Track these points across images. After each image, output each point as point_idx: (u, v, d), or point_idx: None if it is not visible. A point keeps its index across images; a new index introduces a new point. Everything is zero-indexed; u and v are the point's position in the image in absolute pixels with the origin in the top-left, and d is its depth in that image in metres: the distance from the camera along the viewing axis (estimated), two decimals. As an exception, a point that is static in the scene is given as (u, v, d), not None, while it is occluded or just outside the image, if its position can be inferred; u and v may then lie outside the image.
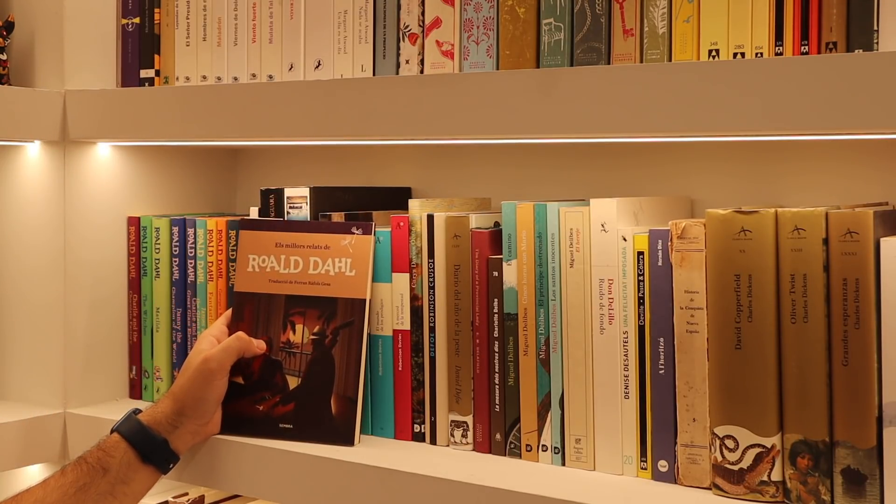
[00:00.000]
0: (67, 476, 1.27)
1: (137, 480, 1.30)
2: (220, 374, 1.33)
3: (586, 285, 1.22)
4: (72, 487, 1.26)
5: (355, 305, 1.36)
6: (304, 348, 1.37)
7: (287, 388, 1.37)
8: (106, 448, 1.29)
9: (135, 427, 1.30)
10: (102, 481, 1.27)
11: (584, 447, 1.24)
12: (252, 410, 1.38)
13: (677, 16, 1.19)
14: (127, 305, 1.60)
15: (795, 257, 1.10)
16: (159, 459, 1.31)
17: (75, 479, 1.26)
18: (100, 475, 1.27)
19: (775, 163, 1.33)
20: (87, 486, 1.26)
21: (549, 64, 1.25)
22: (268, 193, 1.44)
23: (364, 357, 1.35)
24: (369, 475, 1.27)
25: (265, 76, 1.46)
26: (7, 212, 1.61)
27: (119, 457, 1.28)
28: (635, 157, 1.42)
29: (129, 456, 1.29)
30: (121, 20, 1.60)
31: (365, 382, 1.38)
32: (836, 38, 1.11)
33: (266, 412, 1.38)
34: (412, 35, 1.35)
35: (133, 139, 1.56)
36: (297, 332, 1.38)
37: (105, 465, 1.27)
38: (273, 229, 1.41)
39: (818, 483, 1.10)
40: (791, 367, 1.11)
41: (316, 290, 1.38)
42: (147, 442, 1.30)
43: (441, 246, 1.32)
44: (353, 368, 1.35)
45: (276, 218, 1.43)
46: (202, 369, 1.33)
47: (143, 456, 1.30)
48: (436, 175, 1.57)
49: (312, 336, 1.37)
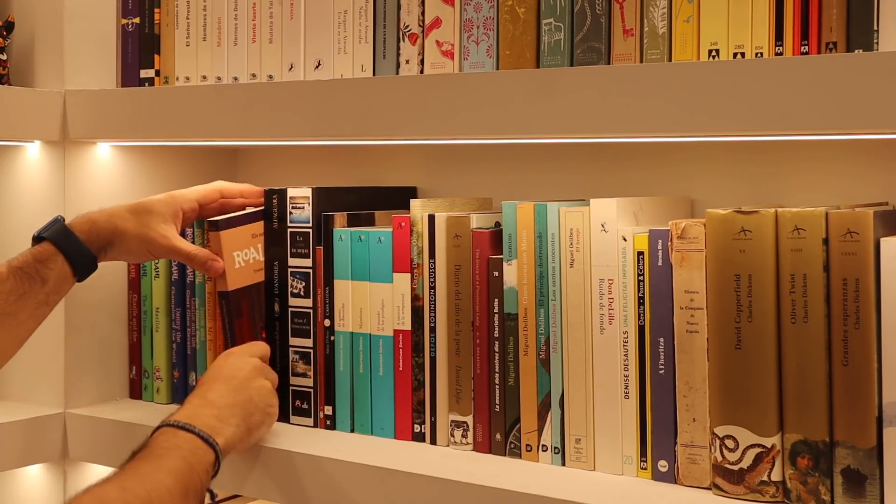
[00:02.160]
0: (5, 283, 1.31)
1: (65, 289, 1.36)
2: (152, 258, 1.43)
3: (586, 285, 1.22)
4: (12, 295, 1.31)
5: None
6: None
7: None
8: (44, 260, 1.33)
9: (73, 243, 1.35)
10: (40, 291, 1.33)
11: (584, 447, 1.24)
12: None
13: (677, 16, 1.19)
14: (127, 305, 1.60)
15: (795, 257, 1.10)
16: (87, 274, 1.37)
17: (14, 288, 1.31)
18: (39, 285, 1.32)
19: (775, 163, 1.33)
20: (25, 294, 1.32)
21: (549, 64, 1.25)
22: (271, 194, 1.44)
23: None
24: (369, 475, 1.27)
25: (265, 76, 1.46)
26: (7, 212, 1.61)
27: (57, 270, 1.34)
28: (635, 157, 1.42)
29: (66, 269, 1.34)
30: (121, 20, 1.60)
31: (365, 382, 1.38)
32: (836, 38, 1.11)
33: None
34: (412, 35, 1.35)
35: (133, 139, 1.56)
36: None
37: (43, 277, 1.33)
38: (249, 222, 1.44)
39: (818, 483, 1.10)
40: (791, 367, 1.11)
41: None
42: (82, 258, 1.35)
43: (442, 246, 1.33)
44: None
45: (244, 212, 1.44)
46: (150, 245, 1.38)
47: (77, 271, 1.35)
48: (441, 175, 1.57)
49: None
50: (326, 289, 1.41)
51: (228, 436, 1.23)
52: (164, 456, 1.16)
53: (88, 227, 1.36)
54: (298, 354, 1.43)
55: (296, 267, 1.43)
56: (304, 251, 1.42)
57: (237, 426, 1.25)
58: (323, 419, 1.42)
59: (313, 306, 1.42)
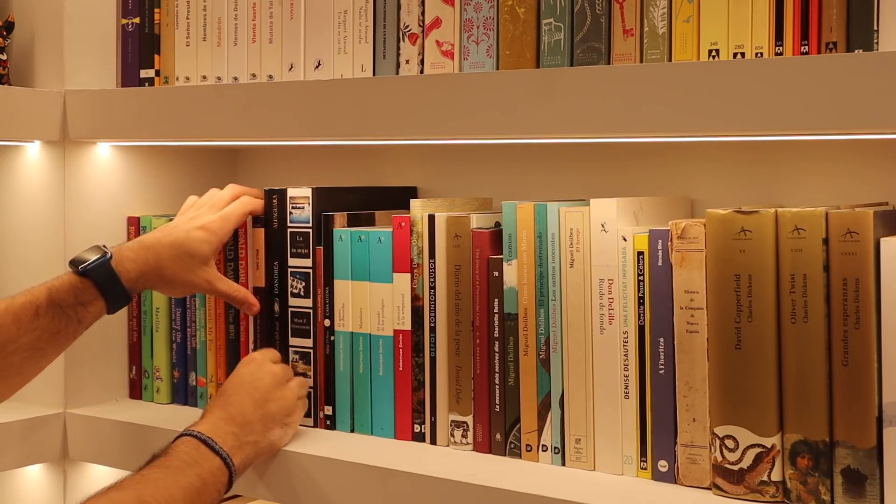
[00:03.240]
0: (42, 319, 1.28)
1: (93, 321, 1.35)
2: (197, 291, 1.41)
3: (586, 285, 1.22)
4: (46, 332, 1.29)
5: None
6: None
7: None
8: (85, 302, 1.31)
9: (116, 288, 1.32)
10: (75, 330, 1.31)
11: (584, 447, 1.24)
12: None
13: (677, 16, 1.19)
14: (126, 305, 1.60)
15: (795, 257, 1.10)
16: (118, 310, 1.36)
17: (50, 326, 1.29)
18: (74, 325, 1.31)
19: (775, 163, 1.33)
20: (59, 333, 1.30)
21: (549, 64, 1.25)
22: (271, 194, 1.44)
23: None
24: (369, 475, 1.27)
25: (265, 76, 1.46)
26: (7, 212, 1.61)
27: (95, 312, 1.32)
28: (635, 157, 1.42)
29: (102, 311, 1.33)
30: (121, 20, 1.60)
31: (365, 382, 1.38)
32: (836, 38, 1.11)
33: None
34: (412, 35, 1.35)
35: (133, 139, 1.56)
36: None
37: (80, 318, 1.31)
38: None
39: (818, 483, 1.10)
40: (791, 367, 1.11)
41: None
42: (120, 300, 1.33)
43: (442, 246, 1.33)
44: None
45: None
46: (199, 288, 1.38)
47: (111, 310, 1.34)
48: (441, 175, 1.57)
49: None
50: (326, 289, 1.41)
51: (244, 456, 1.25)
52: (184, 471, 1.18)
53: (135, 277, 1.34)
54: (298, 354, 1.43)
55: (296, 267, 1.43)
56: (304, 251, 1.42)
57: (255, 444, 1.27)
58: (323, 419, 1.42)
59: (313, 306, 1.42)
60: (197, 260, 1.38)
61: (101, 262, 1.32)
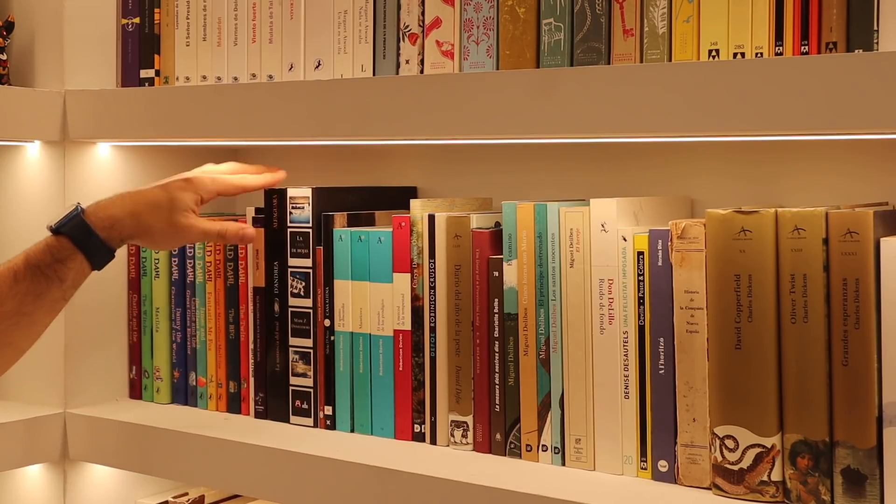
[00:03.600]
0: (22, 284, 1.27)
1: (82, 281, 1.33)
2: (185, 241, 1.38)
3: (586, 285, 1.22)
4: (29, 296, 1.27)
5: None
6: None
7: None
8: (61, 258, 1.29)
9: (93, 241, 1.31)
10: (58, 290, 1.29)
11: (584, 447, 1.24)
12: None
13: (677, 16, 1.19)
14: (127, 305, 1.61)
15: (795, 257, 1.10)
16: (104, 265, 1.33)
17: (31, 288, 1.28)
18: (56, 284, 1.29)
19: (775, 163, 1.33)
20: (43, 294, 1.28)
21: (549, 64, 1.25)
22: (271, 193, 1.44)
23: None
24: (369, 475, 1.27)
25: (265, 76, 1.46)
26: (7, 212, 1.60)
27: (76, 268, 1.30)
28: (635, 157, 1.42)
29: (84, 265, 1.31)
30: (121, 20, 1.60)
31: (365, 382, 1.38)
32: (836, 38, 1.11)
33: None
34: (412, 35, 1.35)
35: (133, 139, 1.56)
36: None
37: (61, 276, 1.29)
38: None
39: (818, 483, 1.10)
40: (791, 367, 1.11)
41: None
42: (102, 254, 1.32)
43: (442, 246, 1.33)
44: None
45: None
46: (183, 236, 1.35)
47: (95, 265, 1.32)
48: (441, 175, 1.57)
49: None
50: (326, 289, 1.41)
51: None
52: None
53: (110, 224, 1.31)
54: (298, 354, 1.43)
55: (296, 267, 1.43)
56: (304, 251, 1.42)
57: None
58: (323, 419, 1.42)
59: (313, 306, 1.42)
60: (177, 207, 1.34)
61: (73, 216, 1.31)
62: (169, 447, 1.43)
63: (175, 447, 1.42)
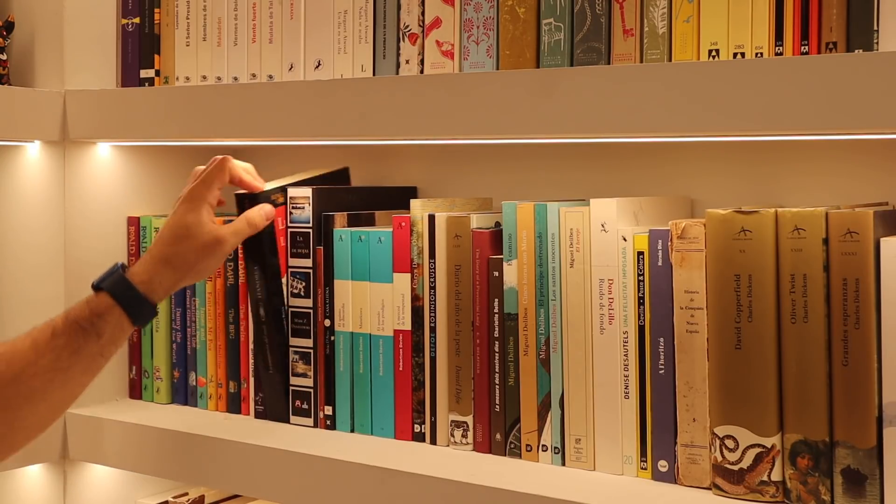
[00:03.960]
0: (60, 339, 1.24)
1: (123, 339, 1.30)
2: (225, 254, 1.34)
3: (586, 285, 1.22)
4: (65, 350, 1.24)
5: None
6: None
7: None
8: (100, 313, 1.26)
9: (131, 294, 1.28)
10: (96, 345, 1.26)
11: (584, 447, 1.24)
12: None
13: (677, 16, 1.19)
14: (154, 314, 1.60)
15: (795, 257, 1.10)
16: (147, 321, 1.31)
17: (68, 343, 1.25)
18: (94, 339, 1.26)
19: (775, 163, 1.33)
20: (80, 349, 1.25)
21: (549, 64, 1.25)
22: (242, 198, 1.41)
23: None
24: (369, 475, 1.27)
25: (265, 76, 1.46)
26: (7, 212, 1.60)
27: (113, 322, 1.27)
28: (635, 157, 1.42)
29: (123, 320, 1.28)
30: (121, 20, 1.60)
31: (365, 382, 1.38)
32: (836, 38, 1.11)
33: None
34: (412, 35, 1.35)
35: (133, 139, 1.56)
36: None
37: (99, 331, 1.26)
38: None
39: (818, 483, 1.10)
40: (791, 367, 1.11)
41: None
42: (141, 308, 1.29)
43: (442, 246, 1.33)
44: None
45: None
46: (216, 250, 1.32)
47: (135, 320, 1.29)
48: (441, 175, 1.57)
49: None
50: (326, 289, 1.41)
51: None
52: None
53: (148, 277, 1.29)
54: (298, 354, 1.43)
55: (296, 267, 1.43)
56: (304, 251, 1.42)
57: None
58: (323, 419, 1.42)
59: (313, 306, 1.42)
60: (196, 228, 1.32)
61: (112, 272, 1.29)
62: (169, 447, 1.43)
63: (175, 447, 1.42)
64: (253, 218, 1.36)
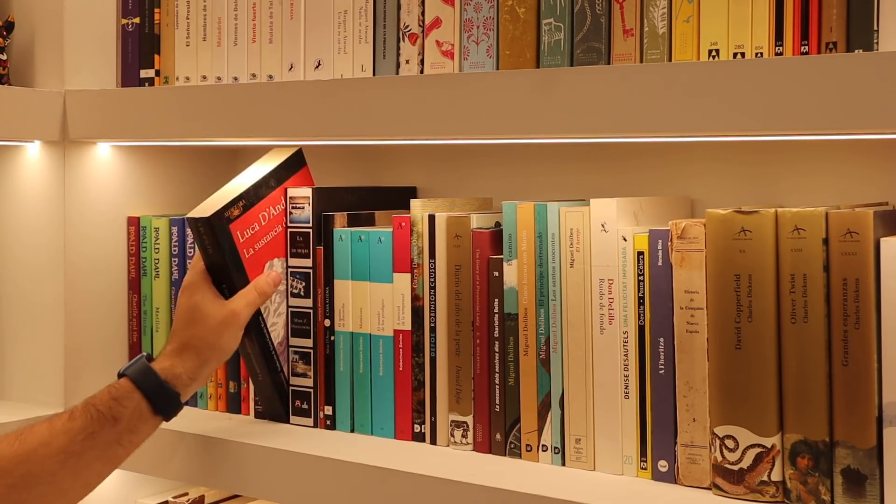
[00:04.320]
0: (76, 421, 1.22)
1: (145, 431, 1.27)
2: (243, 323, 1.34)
3: (586, 285, 1.22)
4: (80, 434, 1.21)
5: None
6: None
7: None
8: (118, 397, 1.24)
9: (151, 379, 1.26)
10: (112, 431, 1.23)
11: (584, 447, 1.24)
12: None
13: (677, 16, 1.19)
14: (127, 305, 1.61)
15: (795, 257, 1.10)
16: (171, 412, 1.28)
17: (84, 426, 1.22)
18: (110, 424, 1.23)
19: (775, 163, 1.33)
20: (95, 434, 1.22)
21: (549, 64, 1.25)
22: (196, 222, 1.41)
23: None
24: (369, 475, 1.27)
25: (265, 76, 1.46)
26: (7, 212, 1.61)
27: (132, 408, 1.24)
28: (635, 157, 1.42)
29: (142, 407, 1.25)
30: (121, 20, 1.60)
31: (365, 382, 1.38)
32: (836, 38, 1.11)
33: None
34: (412, 35, 1.35)
35: (133, 139, 1.56)
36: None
37: (116, 415, 1.23)
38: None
39: (818, 483, 1.10)
40: (791, 367, 1.11)
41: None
42: (163, 396, 1.26)
43: (442, 246, 1.33)
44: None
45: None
46: (232, 323, 1.31)
47: (156, 408, 1.26)
48: (441, 175, 1.57)
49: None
50: (326, 289, 1.41)
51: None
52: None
53: (170, 364, 1.28)
54: (298, 354, 1.43)
55: (296, 267, 1.43)
56: (305, 251, 1.42)
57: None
58: (323, 419, 1.42)
59: (313, 306, 1.42)
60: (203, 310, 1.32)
61: (137, 360, 1.28)
62: (169, 447, 1.43)
63: (176, 447, 1.42)
64: (262, 287, 1.36)
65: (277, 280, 1.38)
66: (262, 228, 1.40)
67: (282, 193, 1.42)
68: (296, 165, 1.46)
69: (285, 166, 1.44)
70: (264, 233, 1.41)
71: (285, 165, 1.44)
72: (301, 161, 1.47)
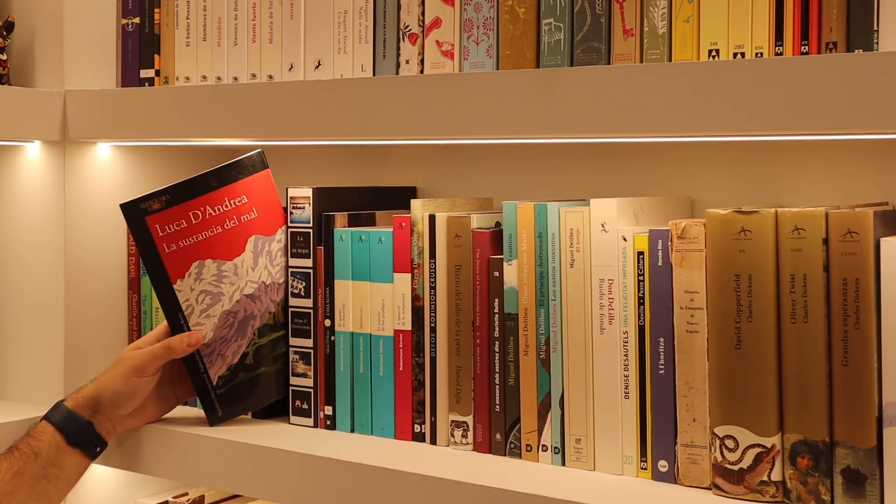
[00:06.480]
0: (2, 463, 1.31)
1: (68, 464, 1.34)
2: (139, 374, 1.37)
3: (586, 285, 1.22)
4: (7, 473, 1.30)
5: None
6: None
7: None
8: (34, 433, 1.34)
9: (60, 411, 1.35)
10: (35, 465, 1.31)
11: (584, 447, 1.24)
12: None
13: (677, 16, 1.19)
14: (127, 305, 1.60)
15: (795, 257, 1.10)
16: (85, 443, 1.35)
17: (10, 466, 1.30)
18: (31, 459, 1.31)
19: (775, 163, 1.33)
20: (21, 471, 1.30)
21: (549, 64, 1.25)
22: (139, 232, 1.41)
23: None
24: (369, 475, 1.27)
25: (265, 76, 1.46)
26: (7, 212, 1.61)
27: (47, 440, 1.33)
28: (635, 157, 1.42)
29: (57, 439, 1.33)
30: (121, 20, 1.60)
31: (365, 382, 1.38)
32: (836, 38, 1.11)
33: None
34: (412, 35, 1.35)
35: (133, 139, 1.56)
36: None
37: (35, 450, 1.32)
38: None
39: (818, 483, 1.10)
40: (791, 367, 1.11)
41: None
42: (71, 424, 1.34)
43: (442, 246, 1.33)
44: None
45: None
46: (125, 367, 1.37)
47: (69, 438, 1.34)
48: (441, 175, 1.57)
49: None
50: (327, 289, 1.41)
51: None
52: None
53: (83, 399, 1.36)
54: (298, 354, 1.43)
55: (296, 267, 1.43)
56: (305, 251, 1.42)
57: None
58: (323, 419, 1.42)
59: (314, 306, 1.42)
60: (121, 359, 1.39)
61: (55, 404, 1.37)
62: (169, 447, 1.43)
63: (175, 447, 1.42)
64: (173, 346, 1.39)
65: (195, 343, 1.39)
66: (192, 226, 1.39)
67: (229, 194, 1.41)
68: (251, 168, 1.42)
69: (235, 167, 1.41)
70: (194, 231, 1.39)
71: (235, 167, 1.41)
72: (261, 164, 1.44)
